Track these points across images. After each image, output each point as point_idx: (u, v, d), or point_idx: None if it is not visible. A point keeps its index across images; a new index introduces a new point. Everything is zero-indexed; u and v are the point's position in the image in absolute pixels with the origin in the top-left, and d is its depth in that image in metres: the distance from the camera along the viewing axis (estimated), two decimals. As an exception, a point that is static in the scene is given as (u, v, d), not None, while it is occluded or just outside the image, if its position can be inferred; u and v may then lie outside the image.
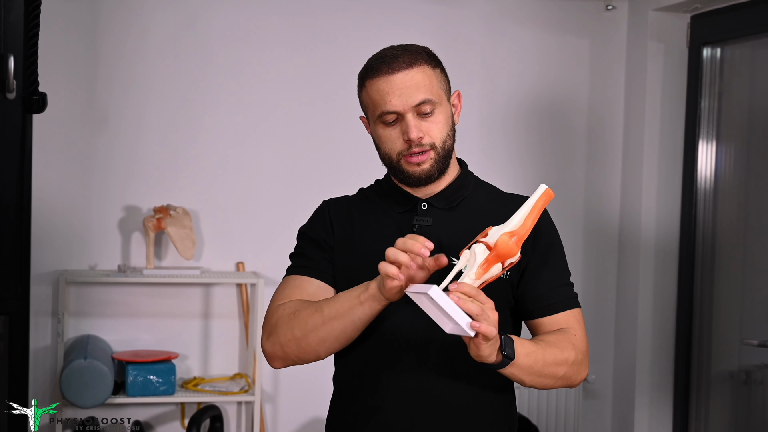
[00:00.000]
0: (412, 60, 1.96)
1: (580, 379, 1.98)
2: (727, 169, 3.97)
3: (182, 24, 3.88)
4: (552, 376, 1.91)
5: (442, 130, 1.97)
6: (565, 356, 1.92)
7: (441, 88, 1.99)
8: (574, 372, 1.95)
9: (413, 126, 1.94)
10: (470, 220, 2.01)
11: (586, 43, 4.30)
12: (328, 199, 2.15)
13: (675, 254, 4.15)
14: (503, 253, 1.75)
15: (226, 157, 3.93)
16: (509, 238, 1.75)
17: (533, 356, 1.86)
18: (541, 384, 1.92)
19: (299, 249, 2.10)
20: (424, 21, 4.10)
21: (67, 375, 3.43)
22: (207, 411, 3.76)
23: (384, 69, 1.95)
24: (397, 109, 1.94)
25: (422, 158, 1.96)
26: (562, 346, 1.93)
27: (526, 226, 1.77)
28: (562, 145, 4.28)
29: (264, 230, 3.96)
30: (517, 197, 2.08)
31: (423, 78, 1.95)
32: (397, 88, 1.94)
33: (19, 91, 2.84)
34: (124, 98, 3.83)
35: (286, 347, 1.97)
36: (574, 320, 2.01)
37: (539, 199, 1.79)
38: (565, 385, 1.98)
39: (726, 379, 3.94)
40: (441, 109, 1.97)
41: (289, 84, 3.99)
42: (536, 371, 1.87)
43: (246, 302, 3.92)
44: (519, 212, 1.79)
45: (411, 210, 2.03)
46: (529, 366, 1.85)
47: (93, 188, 3.80)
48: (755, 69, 3.90)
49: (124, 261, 3.83)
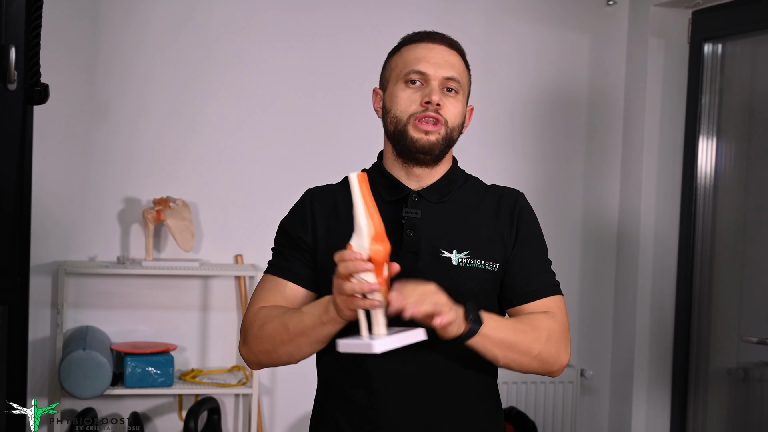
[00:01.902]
0: (455, 46, 2.04)
1: (560, 364, 1.95)
2: (728, 165, 3.98)
3: (182, 16, 3.87)
4: (526, 352, 1.90)
5: (457, 116, 2.00)
6: (539, 334, 1.91)
7: (467, 84, 2.04)
8: (552, 352, 1.93)
9: (437, 91, 1.97)
10: (459, 214, 2.02)
11: (587, 39, 4.30)
12: (312, 188, 2.13)
13: (674, 251, 4.16)
14: (382, 258, 1.76)
15: (225, 150, 3.93)
16: (376, 244, 1.75)
17: (503, 328, 1.87)
18: (516, 362, 1.90)
19: (278, 246, 2.10)
20: (424, 15, 4.09)
21: (65, 366, 3.43)
22: (205, 403, 3.76)
23: (428, 39, 2.02)
24: (429, 71, 1.97)
25: (433, 127, 1.97)
26: (537, 324, 1.93)
27: (375, 220, 1.77)
28: (562, 140, 4.28)
29: (263, 223, 3.94)
30: (497, 188, 2.10)
31: (458, 63, 2.02)
32: (434, 56, 1.99)
33: (21, 82, 2.84)
34: (124, 90, 3.82)
35: (259, 356, 2.02)
36: (554, 305, 2.00)
37: (360, 189, 1.78)
38: (543, 369, 1.95)
39: (724, 376, 3.94)
40: (461, 99, 2.01)
41: (288, 76, 3.98)
42: (508, 344, 1.87)
43: (244, 295, 3.92)
44: (359, 215, 1.76)
45: (401, 201, 2.02)
46: (499, 339, 1.86)
47: (92, 180, 3.80)
48: (756, 65, 3.90)
49: (123, 253, 3.83)
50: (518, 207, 2.04)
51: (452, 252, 1.97)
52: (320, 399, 2.12)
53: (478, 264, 1.97)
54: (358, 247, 1.75)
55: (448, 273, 1.94)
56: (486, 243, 1.99)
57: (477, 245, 1.98)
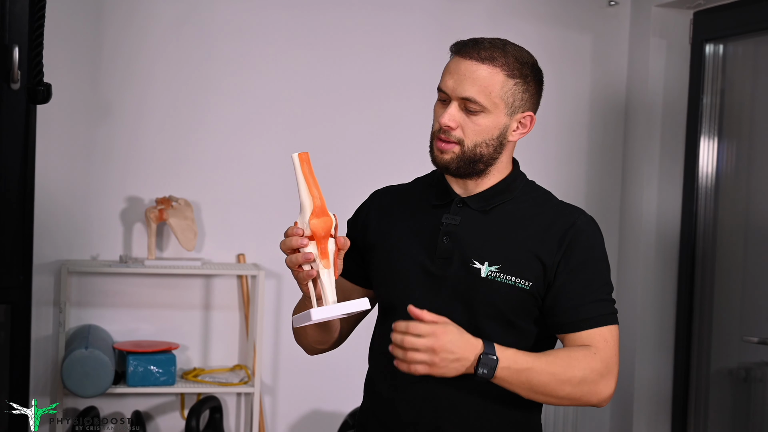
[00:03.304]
0: (490, 58, 1.94)
1: (598, 399, 1.90)
2: (729, 165, 3.98)
3: (184, 16, 3.88)
4: (552, 394, 1.86)
5: (480, 134, 1.95)
6: (571, 374, 1.86)
7: (502, 98, 1.94)
8: (585, 392, 1.88)
9: (449, 113, 1.94)
10: (502, 225, 1.98)
11: (589, 39, 4.30)
12: (378, 190, 2.18)
13: (675, 251, 4.16)
14: (322, 231, 1.82)
15: (228, 149, 3.94)
16: (315, 218, 1.82)
17: (525, 371, 1.82)
18: (541, 401, 1.89)
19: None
20: (427, 15, 4.10)
21: (68, 364, 3.44)
22: (206, 402, 3.77)
23: (461, 51, 1.96)
24: (447, 90, 1.95)
25: (445, 147, 1.95)
26: (572, 364, 1.87)
27: (315, 196, 1.84)
28: (564, 140, 4.28)
29: (265, 222, 3.97)
30: (561, 205, 2.06)
31: (485, 78, 1.93)
32: (457, 73, 1.94)
33: (24, 81, 2.84)
34: (127, 89, 3.83)
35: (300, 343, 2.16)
36: (600, 338, 1.92)
37: (301, 168, 1.87)
38: (579, 404, 1.92)
39: (725, 377, 3.94)
40: (489, 116, 1.94)
41: (290, 75, 3.99)
42: (528, 387, 1.84)
43: (246, 294, 3.93)
44: (301, 192, 1.85)
45: (446, 206, 2.02)
46: (518, 381, 1.83)
47: (95, 179, 3.81)
48: (757, 66, 3.90)
49: (126, 252, 3.84)
50: (575, 229, 1.98)
51: (483, 264, 1.94)
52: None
53: (508, 280, 1.93)
54: (301, 223, 1.84)
55: (476, 284, 1.93)
56: (523, 259, 1.94)
57: (511, 260, 1.94)
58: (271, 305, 3.98)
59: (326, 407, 4.07)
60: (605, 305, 1.95)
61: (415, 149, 4.08)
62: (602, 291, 1.96)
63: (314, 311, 1.80)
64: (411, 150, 4.08)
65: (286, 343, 4.01)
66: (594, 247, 2.00)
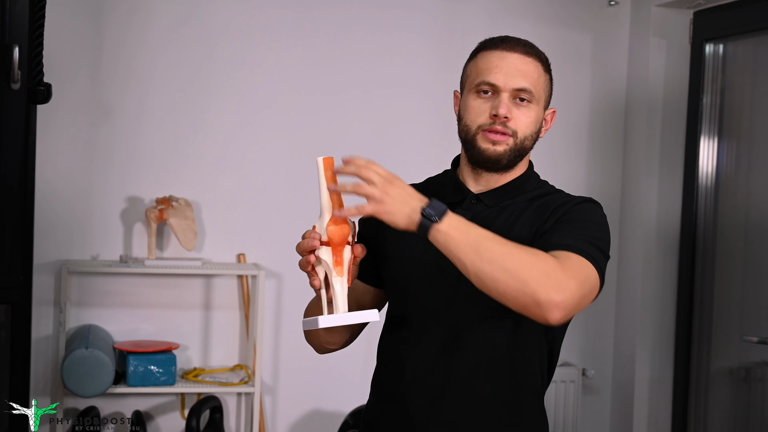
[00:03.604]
0: (531, 51, 1.98)
1: (546, 296, 1.68)
2: (729, 165, 3.98)
3: (185, 16, 3.88)
4: (497, 264, 1.70)
5: (529, 125, 1.96)
6: (523, 253, 1.72)
7: (543, 91, 1.99)
8: (532, 278, 1.69)
9: (505, 104, 1.93)
10: (511, 221, 1.97)
11: (589, 39, 4.31)
12: None
13: (675, 251, 4.16)
14: (338, 238, 1.80)
15: (228, 149, 3.94)
16: (333, 225, 1.80)
17: (473, 232, 1.73)
18: (488, 277, 1.71)
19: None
20: (426, 15, 4.10)
21: (68, 364, 3.44)
22: (207, 402, 3.77)
23: (503, 46, 1.96)
24: (499, 83, 1.94)
25: (501, 138, 1.94)
26: (526, 248, 1.74)
27: (335, 202, 1.81)
28: (564, 140, 4.28)
29: (265, 222, 3.97)
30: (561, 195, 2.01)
31: (533, 70, 1.96)
32: (506, 66, 1.94)
33: (24, 81, 2.85)
34: (127, 90, 3.83)
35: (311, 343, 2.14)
36: (564, 255, 1.77)
37: (324, 173, 1.83)
38: (525, 299, 1.70)
39: (725, 376, 3.94)
40: (536, 108, 1.97)
41: (291, 75, 3.99)
42: (474, 249, 1.71)
43: (247, 294, 3.93)
44: (322, 197, 1.82)
45: (460, 202, 2.02)
46: (465, 242, 1.71)
47: (95, 179, 3.81)
48: (757, 65, 3.90)
49: (126, 251, 3.84)
50: (572, 203, 1.93)
51: None
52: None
53: None
54: (319, 228, 1.82)
55: None
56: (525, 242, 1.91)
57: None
58: (272, 305, 3.98)
59: (326, 407, 4.07)
60: (586, 244, 1.82)
61: (415, 149, 4.09)
62: (589, 237, 1.84)
63: (322, 319, 1.79)
64: (412, 150, 4.09)
65: (287, 343, 4.01)
66: (587, 211, 1.92)
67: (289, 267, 3.96)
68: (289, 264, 3.96)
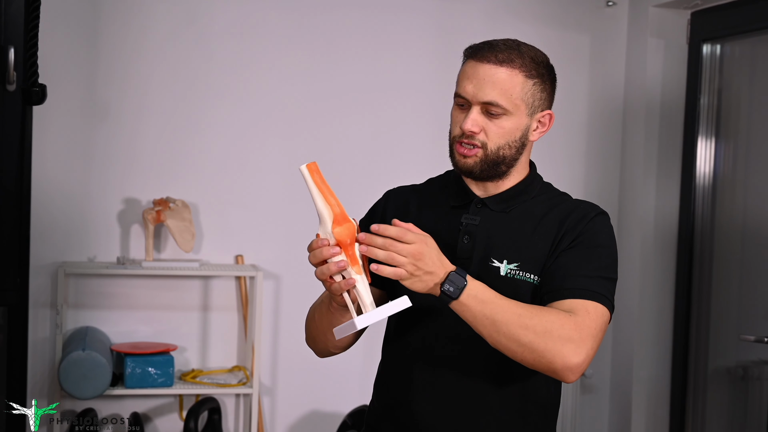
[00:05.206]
0: (508, 60, 1.94)
1: (563, 363, 1.78)
2: (726, 165, 3.98)
3: (182, 18, 3.88)
4: (513, 337, 1.77)
5: (503, 137, 1.95)
6: (537, 322, 1.78)
7: (523, 99, 1.94)
8: (549, 348, 1.77)
9: (471, 119, 1.93)
10: (521, 225, 1.98)
11: (587, 39, 4.31)
12: (391, 190, 2.17)
13: (673, 251, 4.16)
14: (347, 238, 1.78)
15: (225, 151, 3.94)
16: (338, 226, 1.78)
17: (492, 304, 1.77)
18: (504, 347, 1.79)
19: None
20: (425, 15, 4.10)
21: (65, 366, 3.44)
22: (205, 403, 3.77)
23: (478, 55, 1.95)
24: (467, 96, 1.94)
25: (468, 152, 1.95)
26: (541, 313, 1.80)
27: (332, 204, 1.79)
28: (562, 140, 4.28)
29: (263, 223, 3.97)
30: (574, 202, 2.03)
31: (505, 80, 1.93)
32: (476, 78, 1.93)
33: (19, 82, 2.84)
34: (124, 91, 3.83)
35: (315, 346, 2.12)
36: (582, 308, 1.84)
37: (312, 180, 1.80)
38: (541, 365, 1.80)
39: (723, 375, 3.95)
40: (511, 118, 1.94)
41: (288, 78, 3.99)
42: (491, 323, 1.77)
43: (245, 295, 3.93)
44: (317, 203, 1.80)
45: (464, 206, 2.02)
46: (481, 313, 1.77)
47: (92, 180, 3.81)
48: (755, 66, 3.90)
49: (123, 253, 3.84)
50: (584, 222, 1.95)
51: (502, 262, 1.95)
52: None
53: (527, 277, 1.93)
54: (324, 234, 1.80)
55: (495, 283, 1.89)
56: (538, 256, 1.94)
57: (529, 258, 1.94)
58: (270, 306, 3.98)
59: (325, 408, 4.06)
60: (599, 283, 1.89)
61: (414, 150, 4.09)
62: (599, 271, 1.90)
63: (358, 320, 1.76)
64: (410, 151, 4.09)
65: (285, 344, 4.00)
66: (598, 233, 1.95)
67: (287, 268, 3.96)
68: (287, 265, 3.97)
